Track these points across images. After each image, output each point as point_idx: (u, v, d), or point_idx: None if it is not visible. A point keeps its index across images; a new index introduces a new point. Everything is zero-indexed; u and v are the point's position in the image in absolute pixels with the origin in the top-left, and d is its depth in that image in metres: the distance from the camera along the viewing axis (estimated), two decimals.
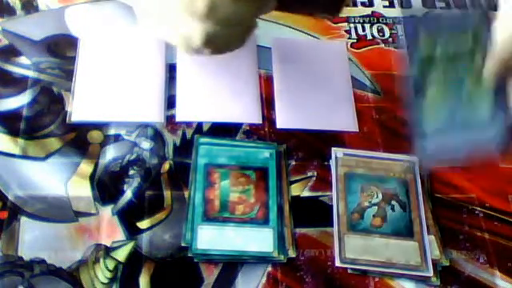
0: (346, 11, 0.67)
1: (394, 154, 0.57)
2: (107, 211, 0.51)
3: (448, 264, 0.51)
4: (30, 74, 0.58)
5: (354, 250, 0.51)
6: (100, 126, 0.56)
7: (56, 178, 0.52)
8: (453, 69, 0.42)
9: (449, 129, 0.43)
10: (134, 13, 0.55)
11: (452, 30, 0.41)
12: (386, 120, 0.59)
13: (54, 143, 0.54)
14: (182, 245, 0.50)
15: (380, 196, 0.54)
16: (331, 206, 0.53)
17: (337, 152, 0.56)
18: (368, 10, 0.68)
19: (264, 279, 0.49)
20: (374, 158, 0.56)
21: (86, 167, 0.53)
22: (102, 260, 0.49)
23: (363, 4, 0.69)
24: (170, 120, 0.57)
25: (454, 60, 0.42)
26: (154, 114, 0.57)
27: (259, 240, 0.50)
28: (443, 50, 0.42)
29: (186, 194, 0.53)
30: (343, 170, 0.55)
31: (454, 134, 0.43)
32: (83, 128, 0.55)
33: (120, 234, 0.50)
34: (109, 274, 0.48)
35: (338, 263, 0.50)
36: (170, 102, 0.58)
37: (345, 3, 0.58)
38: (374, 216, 0.53)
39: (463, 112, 0.43)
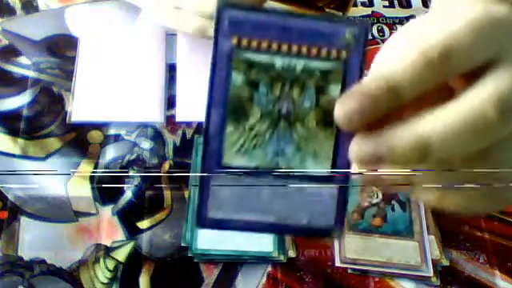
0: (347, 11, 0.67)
1: None
2: (107, 211, 0.51)
3: (448, 264, 0.51)
4: (30, 73, 0.58)
5: (354, 250, 0.51)
6: (100, 126, 0.56)
7: (56, 177, 0.52)
8: (294, 92, 0.29)
9: (264, 172, 0.29)
10: (134, 13, 0.55)
11: (307, 38, 0.28)
12: None
13: (54, 143, 0.54)
14: (182, 245, 0.50)
15: (380, 196, 0.54)
16: None
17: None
18: (368, 10, 0.68)
19: (264, 279, 0.49)
20: None
21: (86, 167, 0.53)
22: (101, 260, 0.49)
23: (363, 4, 0.69)
24: (169, 120, 0.57)
25: (299, 81, 0.29)
26: (154, 114, 0.57)
27: (259, 240, 0.50)
28: (285, 61, 0.28)
29: (186, 194, 0.53)
30: None
31: (270, 182, 0.29)
32: (83, 128, 0.55)
33: (120, 234, 0.50)
34: (109, 274, 0.48)
35: (338, 263, 0.50)
36: (170, 102, 0.58)
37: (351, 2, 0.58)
38: (374, 216, 0.53)
39: (293, 156, 0.29)
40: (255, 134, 0.29)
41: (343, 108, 0.28)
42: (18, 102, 0.56)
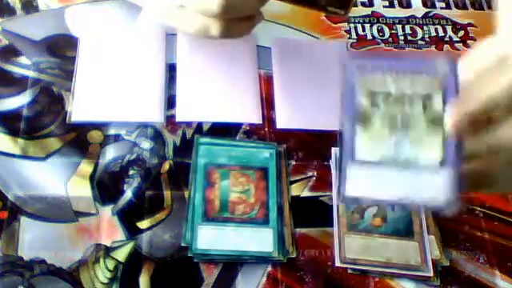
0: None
1: None
2: (107, 211, 0.51)
3: (448, 264, 0.51)
4: (30, 74, 0.58)
5: (354, 249, 0.51)
6: (100, 126, 0.56)
7: (56, 177, 0.52)
8: (405, 106, 0.38)
9: (388, 163, 0.38)
10: (134, 13, 0.55)
11: (410, 71, 0.39)
12: None
13: (54, 143, 0.54)
14: (182, 245, 0.50)
15: None
16: (331, 206, 0.53)
17: (337, 152, 0.56)
18: (368, 10, 0.68)
19: (264, 279, 0.49)
20: None
21: (86, 167, 0.53)
22: (101, 260, 0.49)
23: (363, 4, 0.69)
24: (169, 120, 0.57)
25: (408, 99, 0.38)
26: (154, 114, 0.57)
27: (259, 240, 0.50)
28: (396, 86, 0.38)
29: (186, 194, 0.53)
30: None
31: (392, 170, 0.38)
32: (83, 128, 0.55)
33: (120, 234, 0.50)
34: (109, 274, 0.48)
35: (337, 263, 0.50)
36: (170, 102, 0.58)
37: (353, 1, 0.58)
38: (374, 216, 0.53)
39: (409, 150, 0.38)
40: (380, 135, 0.38)
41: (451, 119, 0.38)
42: (18, 102, 0.56)
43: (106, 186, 0.52)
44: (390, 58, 0.40)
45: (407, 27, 0.67)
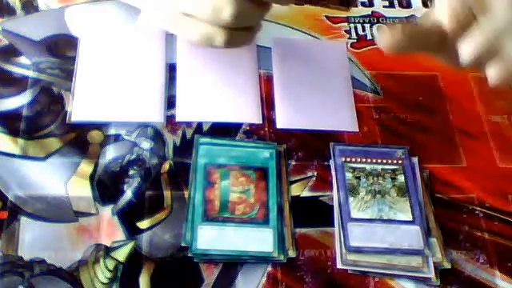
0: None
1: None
2: (107, 211, 0.51)
3: (450, 267, 0.51)
4: (30, 74, 0.58)
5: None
6: (100, 126, 0.56)
7: (56, 177, 0.52)
8: (379, 182, 0.54)
9: (375, 221, 0.52)
10: (134, 13, 0.55)
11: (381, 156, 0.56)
12: (385, 120, 0.59)
13: (54, 143, 0.54)
14: (182, 245, 0.50)
15: None
16: (331, 206, 0.53)
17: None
18: (368, 10, 0.68)
19: (264, 279, 0.49)
20: None
21: (86, 167, 0.53)
22: (101, 260, 0.49)
23: (363, 4, 0.69)
24: (169, 120, 0.57)
25: (381, 176, 0.54)
26: (154, 114, 0.57)
27: (259, 240, 0.50)
28: (369, 165, 0.55)
29: (186, 194, 0.53)
30: None
31: (380, 226, 0.51)
32: (83, 128, 0.55)
33: (120, 234, 0.50)
34: (109, 274, 0.48)
35: (339, 265, 0.50)
36: (170, 102, 0.58)
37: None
38: None
39: (388, 212, 0.52)
40: (365, 201, 0.53)
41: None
42: (18, 102, 0.56)
43: (105, 186, 0.52)
44: (364, 147, 0.56)
45: None
